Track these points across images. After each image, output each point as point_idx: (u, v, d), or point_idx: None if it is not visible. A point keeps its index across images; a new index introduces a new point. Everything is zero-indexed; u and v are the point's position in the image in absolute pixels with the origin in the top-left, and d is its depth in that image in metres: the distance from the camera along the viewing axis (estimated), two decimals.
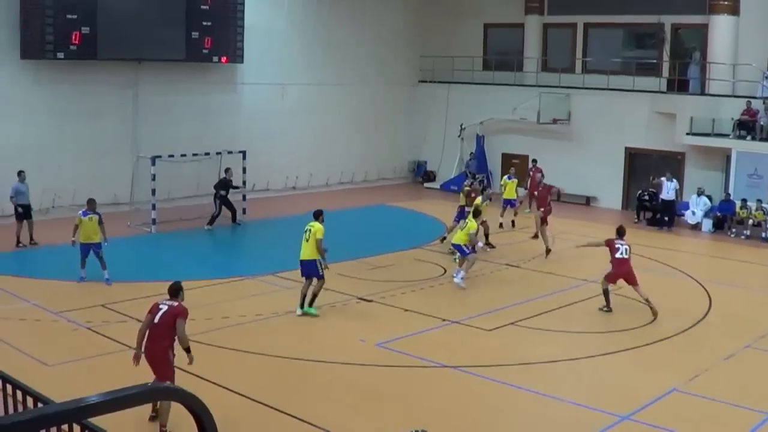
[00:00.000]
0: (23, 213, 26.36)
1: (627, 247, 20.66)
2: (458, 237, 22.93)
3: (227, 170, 29.84)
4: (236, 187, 30.02)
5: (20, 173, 26.39)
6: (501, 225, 30.28)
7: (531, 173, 34.69)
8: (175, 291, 13.35)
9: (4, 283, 21.74)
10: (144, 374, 12.20)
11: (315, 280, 19.55)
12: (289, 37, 37.47)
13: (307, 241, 19.33)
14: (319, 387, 15.49)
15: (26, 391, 7.51)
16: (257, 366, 16.47)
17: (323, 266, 19.43)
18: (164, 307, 12.99)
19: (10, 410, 7.92)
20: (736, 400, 14.82)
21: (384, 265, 24.72)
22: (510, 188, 31.44)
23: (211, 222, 29.30)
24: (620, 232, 21.07)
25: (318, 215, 19.64)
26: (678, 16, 36.26)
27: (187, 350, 12.93)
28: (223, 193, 29.48)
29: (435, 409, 14.46)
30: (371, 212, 33.07)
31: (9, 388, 7.81)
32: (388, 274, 23.81)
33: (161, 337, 12.90)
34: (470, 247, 22.67)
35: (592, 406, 14.57)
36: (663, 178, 32.36)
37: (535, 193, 32.28)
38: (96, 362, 16.11)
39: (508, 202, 31.40)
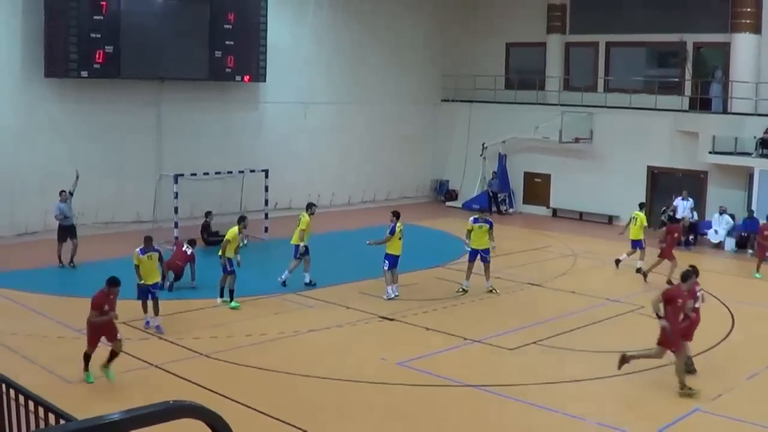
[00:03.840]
0: (66, 233, 26.31)
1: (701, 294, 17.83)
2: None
3: (207, 214, 29.26)
4: (215, 235, 28.57)
5: (62, 193, 26.33)
6: (641, 272, 26.50)
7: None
8: None
9: (26, 300, 21.86)
10: (165, 392, 12.20)
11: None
12: (312, 57, 37.57)
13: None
14: (340, 406, 15.47)
15: (48, 408, 7.53)
16: (279, 384, 16.47)
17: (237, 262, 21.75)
18: None
19: (32, 426, 7.94)
20: (759, 420, 14.71)
21: (405, 283, 24.65)
22: (637, 226, 27.17)
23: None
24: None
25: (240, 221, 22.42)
26: (700, 34, 36.21)
27: None
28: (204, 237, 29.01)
29: (457, 429, 14.43)
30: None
31: (31, 404, 7.84)
32: (410, 293, 23.76)
33: None
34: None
35: (615, 426, 14.48)
36: (679, 198, 32.19)
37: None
38: (118, 379, 16.12)
39: (636, 244, 27.30)
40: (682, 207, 31.91)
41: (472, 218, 25.20)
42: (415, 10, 41.54)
